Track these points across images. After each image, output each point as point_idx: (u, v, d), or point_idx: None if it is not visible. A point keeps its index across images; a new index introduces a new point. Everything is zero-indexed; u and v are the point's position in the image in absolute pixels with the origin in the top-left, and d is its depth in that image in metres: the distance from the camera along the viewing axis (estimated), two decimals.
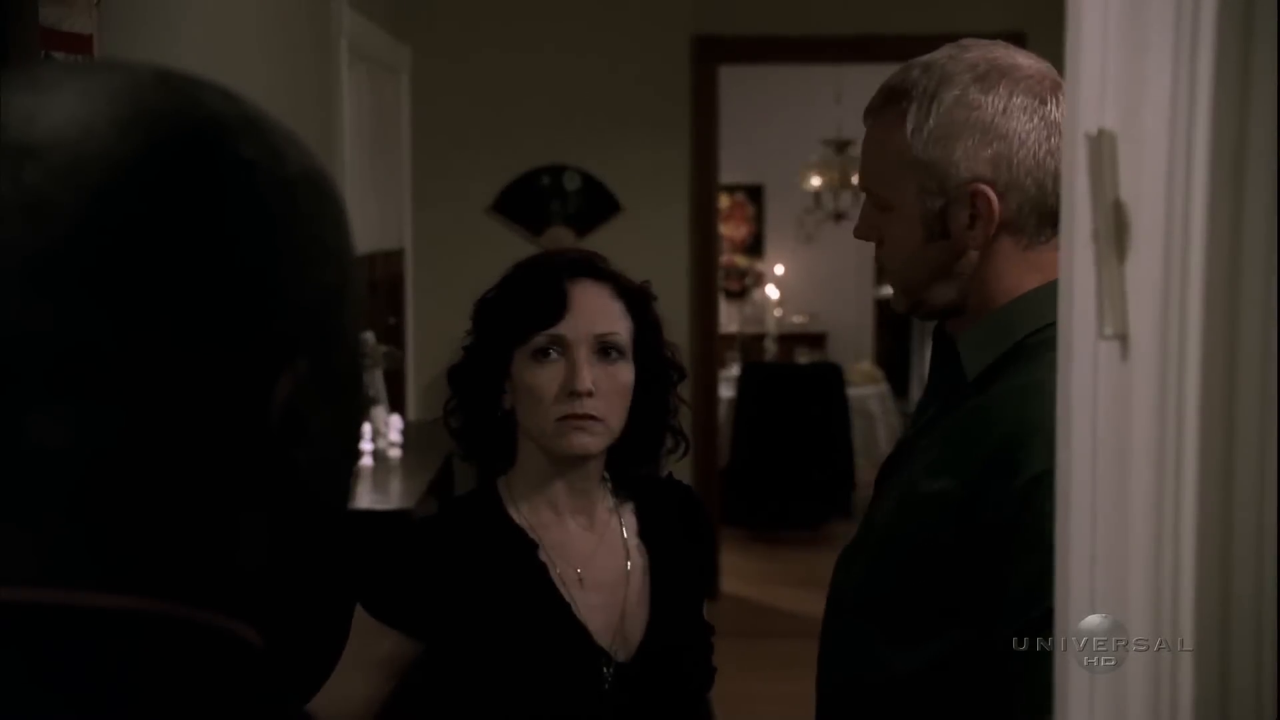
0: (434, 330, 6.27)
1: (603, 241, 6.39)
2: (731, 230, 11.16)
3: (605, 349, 1.95)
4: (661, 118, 6.43)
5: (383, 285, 5.69)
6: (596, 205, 6.43)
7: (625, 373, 1.96)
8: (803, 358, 10.02)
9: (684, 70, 6.44)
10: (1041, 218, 1.63)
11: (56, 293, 0.71)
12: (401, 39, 6.00)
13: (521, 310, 1.97)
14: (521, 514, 2.00)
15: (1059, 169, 1.57)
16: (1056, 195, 1.58)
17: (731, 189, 10.72)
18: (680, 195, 6.48)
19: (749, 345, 10.35)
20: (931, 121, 1.62)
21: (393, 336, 5.79)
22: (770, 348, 10.33)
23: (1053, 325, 1.61)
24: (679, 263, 6.45)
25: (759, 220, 11.50)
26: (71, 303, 0.71)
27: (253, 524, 0.78)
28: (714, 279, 6.76)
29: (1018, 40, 7.57)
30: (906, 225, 1.66)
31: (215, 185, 0.74)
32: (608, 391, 1.93)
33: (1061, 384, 1.05)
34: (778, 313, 10.78)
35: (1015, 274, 1.65)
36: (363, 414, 0.90)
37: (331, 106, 4.64)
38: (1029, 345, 1.62)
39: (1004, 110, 1.61)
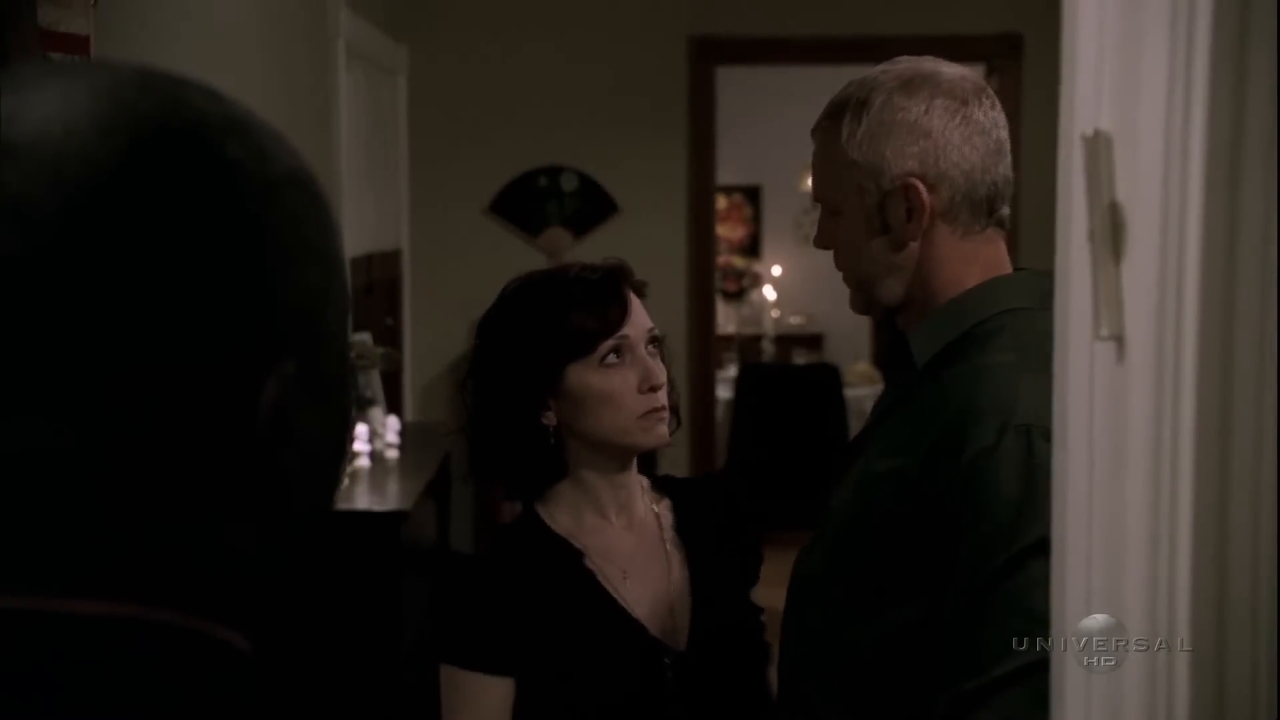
0: (431, 331, 6.27)
1: (600, 243, 6.38)
2: (729, 231, 11.15)
3: (653, 342, 2.08)
4: (659, 119, 6.43)
5: (380, 286, 5.68)
6: (594, 206, 6.42)
7: (664, 362, 2.10)
8: (800, 359, 10.01)
9: (681, 71, 6.44)
10: (973, 207, 1.77)
11: (38, 293, 0.70)
12: (399, 40, 6.00)
13: (583, 323, 2.03)
14: (561, 524, 2.08)
15: (982, 162, 1.76)
16: (985, 187, 1.77)
17: (729, 190, 10.71)
18: (677, 196, 6.48)
19: (746, 346, 10.34)
20: (863, 126, 1.76)
21: (390, 338, 5.78)
22: (768, 349, 10.32)
23: (1000, 314, 1.74)
24: (676, 263, 6.45)
25: (756, 221, 11.49)
26: (53, 304, 0.70)
27: (240, 527, 0.77)
28: (711, 280, 6.76)
29: (1014, 42, 7.54)
30: (853, 225, 1.80)
31: (199, 185, 0.74)
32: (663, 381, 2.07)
33: (1057, 385, 1.05)
34: (775, 314, 10.77)
35: (955, 264, 1.78)
36: (350, 416, 0.89)
37: (328, 107, 4.64)
38: (977, 334, 1.74)
39: (926, 111, 1.75)
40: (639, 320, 2.06)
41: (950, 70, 1.80)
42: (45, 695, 0.70)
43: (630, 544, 2.09)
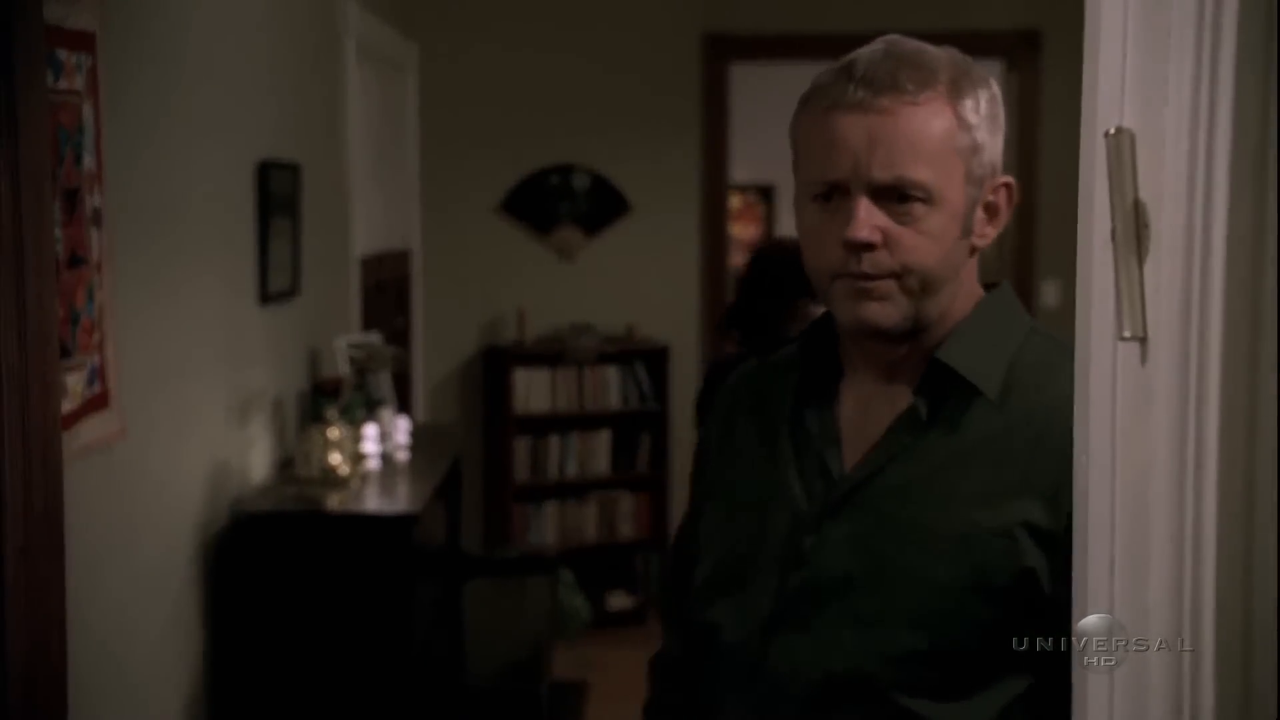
0: (442, 331, 6.26)
1: (612, 241, 6.37)
2: (742, 230, 11.15)
3: None
4: (672, 117, 6.42)
5: (390, 286, 5.67)
6: (605, 205, 6.41)
7: None
8: None
9: (694, 68, 6.43)
10: None
11: None
12: (409, 37, 5.99)
13: None
14: None
15: None
16: None
17: (742, 188, 10.70)
18: (690, 195, 6.46)
19: None
20: (984, 109, 1.55)
21: (400, 337, 5.77)
22: None
23: (1028, 335, 1.58)
24: (689, 263, 6.43)
25: (770, 220, 11.47)
26: None
27: None
28: (724, 280, 6.74)
29: (1033, 39, 7.50)
30: (948, 219, 1.53)
31: None
32: None
33: (1079, 387, 1.04)
34: None
35: (973, 278, 1.61)
36: None
37: (338, 105, 4.63)
38: (1025, 357, 1.57)
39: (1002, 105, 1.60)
40: None
41: None
42: None
43: None
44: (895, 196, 1.51)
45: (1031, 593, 1.45)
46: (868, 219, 1.50)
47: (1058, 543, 1.42)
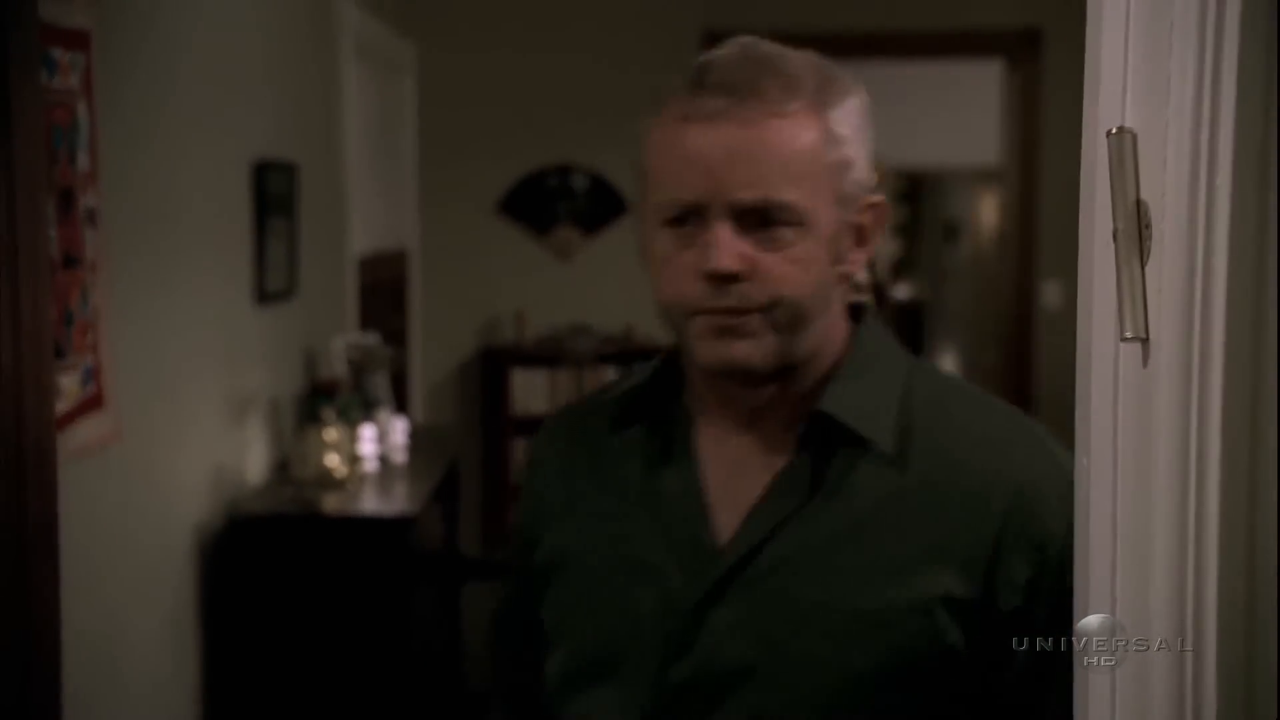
0: (440, 332, 6.25)
1: (610, 242, 6.36)
2: None
3: None
4: None
5: (388, 286, 5.67)
6: (604, 205, 6.40)
7: None
8: None
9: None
10: None
11: None
12: (407, 36, 5.99)
13: None
14: None
15: None
16: None
17: None
18: None
19: None
20: (853, 120, 1.37)
21: (397, 338, 5.77)
22: None
23: (911, 371, 1.42)
24: None
25: None
26: None
27: None
28: None
29: (1035, 37, 7.48)
30: (818, 244, 1.34)
31: None
32: None
33: (1080, 389, 1.04)
34: None
35: (841, 311, 1.44)
36: None
37: (335, 104, 4.63)
38: (916, 401, 1.40)
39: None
40: None
41: None
42: None
43: None
44: (759, 220, 1.33)
45: (955, 675, 1.31)
46: (730, 246, 1.32)
47: (980, 613, 1.31)
